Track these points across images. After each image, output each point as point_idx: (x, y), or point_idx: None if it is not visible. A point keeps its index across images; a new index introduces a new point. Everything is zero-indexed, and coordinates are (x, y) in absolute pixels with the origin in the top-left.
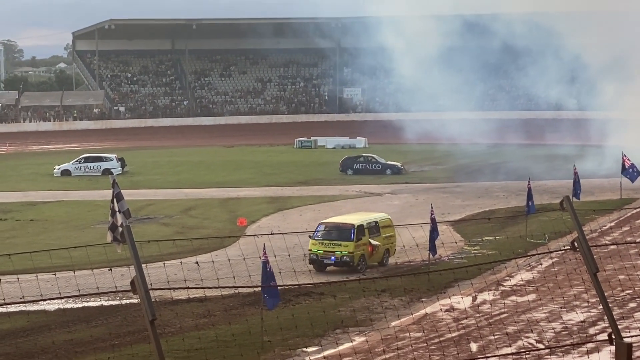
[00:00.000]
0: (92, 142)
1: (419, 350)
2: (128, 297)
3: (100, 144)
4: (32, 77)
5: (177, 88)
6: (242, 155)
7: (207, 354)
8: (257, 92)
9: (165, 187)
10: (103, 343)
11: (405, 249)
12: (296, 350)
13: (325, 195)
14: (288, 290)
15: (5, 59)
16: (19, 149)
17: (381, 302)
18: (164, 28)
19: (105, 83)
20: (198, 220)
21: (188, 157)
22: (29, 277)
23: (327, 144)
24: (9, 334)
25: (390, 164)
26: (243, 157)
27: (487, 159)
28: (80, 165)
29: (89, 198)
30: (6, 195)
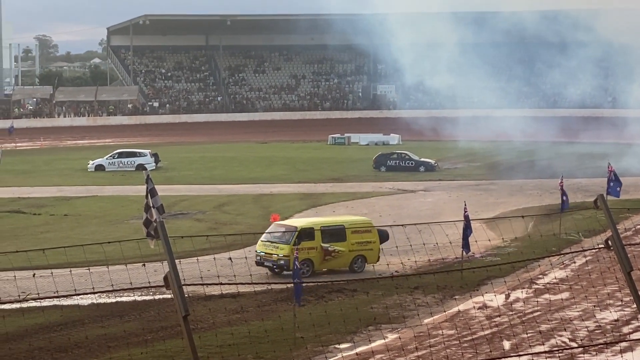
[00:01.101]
0: (126, 137)
1: (452, 348)
2: (161, 293)
3: (134, 140)
4: (67, 72)
5: (211, 84)
6: (275, 152)
7: (240, 350)
8: (291, 88)
9: (198, 182)
10: (136, 338)
11: (439, 247)
12: (328, 346)
13: (359, 192)
14: (321, 287)
15: (40, 54)
16: (53, 144)
17: (414, 299)
18: (198, 24)
19: (140, 78)
20: (231, 216)
21: (221, 153)
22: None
23: (360, 141)
24: (43, 328)
25: (424, 161)
26: (276, 153)
27: (521, 157)
28: (114, 161)
29: (122, 193)
30: (40, 190)
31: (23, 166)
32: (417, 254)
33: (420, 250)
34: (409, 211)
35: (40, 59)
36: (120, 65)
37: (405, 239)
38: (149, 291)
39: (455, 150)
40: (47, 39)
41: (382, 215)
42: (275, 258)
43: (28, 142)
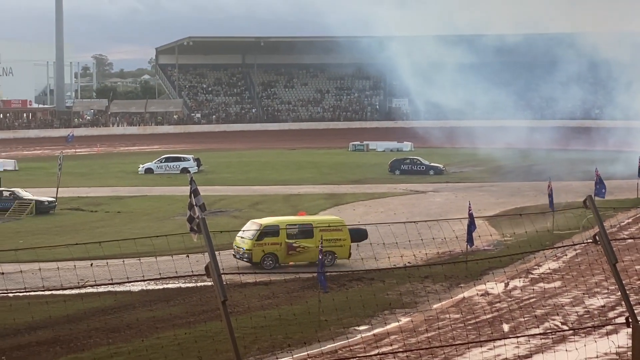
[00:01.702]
0: (172, 144)
1: (457, 330)
2: (202, 280)
3: (179, 146)
4: (120, 87)
5: (247, 97)
6: (303, 157)
7: (271, 331)
8: (316, 101)
9: (235, 184)
10: (180, 320)
11: (446, 241)
12: (349, 328)
13: (376, 193)
14: (342, 276)
15: (97, 71)
16: (108, 150)
17: (424, 287)
18: (235, 44)
19: (184, 93)
20: (264, 214)
21: (255, 158)
22: (117, 262)
23: (377, 148)
24: (99, 311)
25: (433, 166)
26: (304, 158)
27: (519, 162)
28: (161, 165)
29: (168, 193)
30: (97, 190)
31: (82, 169)
32: (427, 247)
33: (430, 244)
34: (420, 209)
35: (97, 75)
36: (167, 81)
37: (417, 233)
38: (191, 279)
39: (461, 156)
40: (103, 57)
41: (397, 213)
42: (242, 251)
43: (86, 148)
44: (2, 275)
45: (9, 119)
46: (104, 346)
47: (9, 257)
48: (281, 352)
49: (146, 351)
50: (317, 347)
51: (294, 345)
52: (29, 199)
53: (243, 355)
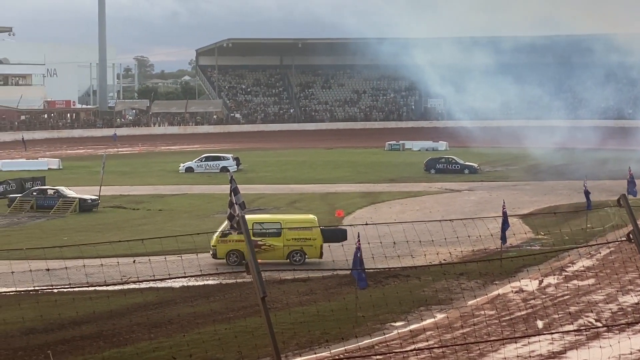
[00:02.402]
0: (212, 143)
1: (492, 326)
2: (242, 277)
3: (219, 146)
4: (161, 88)
5: (285, 98)
6: (339, 156)
7: (309, 327)
8: (353, 101)
9: (273, 182)
10: (220, 316)
11: (481, 238)
12: (385, 324)
13: (411, 191)
14: (379, 273)
15: (138, 73)
16: (149, 149)
17: (459, 284)
18: (274, 46)
19: (223, 93)
20: (302, 212)
21: (293, 158)
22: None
23: (413, 147)
24: (141, 307)
25: (468, 165)
26: (340, 157)
27: (553, 161)
28: (201, 164)
29: (208, 192)
30: (139, 188)
31: (124, 168)
32: (463, 245)
33: (465, 242)
34: (455, 207)
35: (139, 76)
36: (207, 82)
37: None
38: (231, 275)
39: (495, 155)
40: (144, 59)
41: (432, 211)
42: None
43: (128, 147)
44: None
45: (53, 119)
46: (145, 341)
47: (54, 254)
48: (319, 347)
49: (187, 346)
50: (355, 342)
51: (332, 341)
52: (73, 197)
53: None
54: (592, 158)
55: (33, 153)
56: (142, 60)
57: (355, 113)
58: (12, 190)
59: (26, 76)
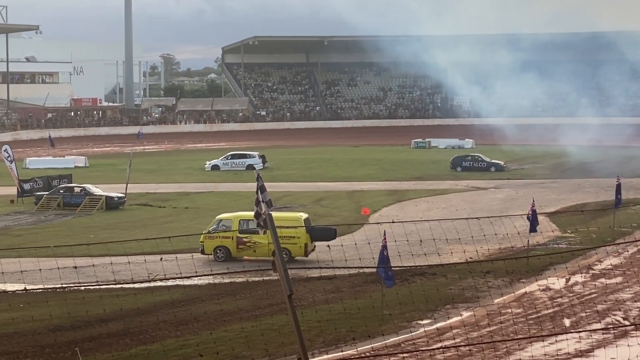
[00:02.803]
0: (238, 141)
1: (519, 324)
2: (268, 275)
3: (245, 143)
4: (187, 86)
5: (311, 95)
6: (365, 154)
7: (336, 324)
8: (379, 99)
9: (299, 180)
10: (247, 313)
11: (508, 236)
12: (412, 322)
13: (438, 189)
14: (405, 271)
15: (164, 70)
16: (176, 147)
17: (486, 282)
18: (300, 44)
19: (249, 91)
20: (328, 210)
21: (319, 155)
22: (185, 256)
23: (439, 145)
24: (168, 304)
25: (495, 162)
26: (367, 155)
27: (580, 159)
28: (227, 162)
29: (234, 190)
30: (165, 186)
31: (150, 166)
32: (489, 243)
33: (491, 240)
34: (482, 205)
35: (165, 74)
36: (233, 80)
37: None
38: (257, 273)
39: (522, 153)
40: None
41: (458, 209)
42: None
43: (154, 145)
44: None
45: (80, 116)
46: (172, 338)
47: (82, 251)
48: (345, 345)
49: (214, 343)
50: (381, 340)
51: (358, 339)
52: (100, 195)
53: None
54: (619, 156)
55: (60, 151)
56: (168, 58)
57: (381, 111)
58: (39, 188)
59: (53, 74)
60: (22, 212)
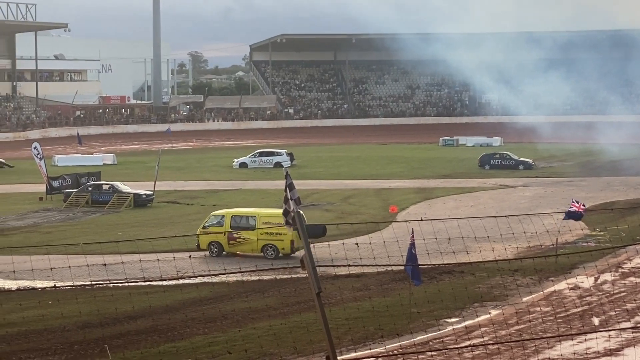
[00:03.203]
0: (265, 139)
1: (548, 323)
2: (296, 272)
3: (272, 141)
4: (215, 84)
5: (339, 93)
6: (393, 152)
7: (364, 322)
8: (407, 97)
9: (327, 178)
10: (275, 311)
11: (537, 235)
12: (440, 320)
13: (466, 187)
14: (433, 269)
15: (192, 68)
16: (203, 145)
17: (514, 280)
18: (327, 42)
19: (277, 89)
20: (355, 207)
21: (347, 153)
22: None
23: (467, 143)
24: (196, 301)
25: (523, 160)
26: (394, 153)
27: (609, 157)
28: (255, 159)
29: (262, 187)
30: (193, 183)
31: (178, 163)
32: (518, 241)
33: (520, 238)
34: (510, 203)
35: (193, 72)
36: (261, 78)
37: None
38: (285, 271)
39: (550, 151)
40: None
41: (486, 207)
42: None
43: (182, 142)
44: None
45: (108, 114)
46: (200, 335)
47: (110, 249)
48: (373, 342)
49: (242, 341)
50: (409, 338)
51: (386, 337)
52: (128, 193)
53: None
54: None
55: (88, 148)
56: (196, 56)
57: (409, 108)
58: (67, 186)
59: (81, 72)
60: (51, 209)
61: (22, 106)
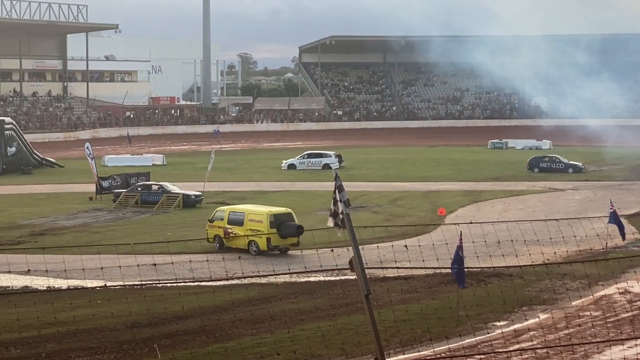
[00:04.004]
0: (314, 140)
1: (597, 327)
2: (344, 274)
3: (321, 143)
4: (265, 85)
5: (387, 95)
6: (442, 154)
7: (412, 325)
8: (456, 99)
9: (375, 180)
10: (323, 313)
11: (587, 238)
12: (488, 323)
13: (515, 190)
14: (482, 272)
15: (242, 70)
16: (252, 146)
17: (564, 284)
18: (377, 43)
19: (326, 90)
20: (404, 210)
21: (395, 155)
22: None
23: (516, 146)
24: (244, 302)
25: (572, 164)
26: (443, 155)
27: None
28: (303, 161)
29: (310, 189)
30: (241, 184)
31: (227, 164)
32: (567, 245)
33: (570, 241)
34: (559, 207)
35: (242, 73)
36: (310, 79)
37: (556, 231)
38: (333, 272)
39: (600, 155)
40: (248, 56)
41: (535, 210)
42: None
43: (231, 144)
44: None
45: (158, 115)
46: (249, 336)
47: (160, 249)
48: (421, 345)
49: (290, 342)
50: (458, 341)
51: (435, 339)
52: (177, 193)
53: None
54: None
55: (137, 149)
56: (245, 57)
57: (458, 111)
58: (117, 186)
59: (132, 72)
60: (101, 209)
61: (73, 106)
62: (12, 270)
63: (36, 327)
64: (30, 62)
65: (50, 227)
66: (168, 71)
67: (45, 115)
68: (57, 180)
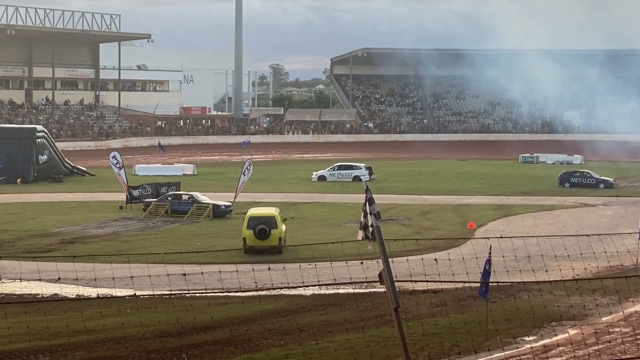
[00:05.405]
0: (344, 152)
1: (627, 344)
2: (373, 287)
3: (351, 155)
4: (296, 96)
5: (418, 108)
6: (472, 168)
7: (441, 338)
8: (487, 113)
9: (405, 193)
10: (351, 325)
11: (618, 254)
12: (517, 338)
13: (545, 205)
14: (512, 286)
15: (273, 80)
16: (283, 157)
17: (594, 300)
18: (408, 56)
19: (357, 102)
20: (433, 223)
21: (426, 168)
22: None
23: (547, 160)
24: (273, 313)
25: (604, 179)
26: (473, 169)
27: None
28: (334, 172)
29: (340, 201)
30: (271, 195)
31: (257, 175)
32: (598, 260)
33: (600, 257)
34: (590, 222)
35: (273, 84)
36: (341, 91)
37: (587, 246)
38: (362, 285)
39: (632, 170)
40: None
41: (566, 225)
42: None
43: (262, 155)
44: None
45: (189, 125)
46: (276, 347)
47: (190, 258)
48: (450, 359)
49: (318, 354)
50: (487, 355)
51: (463, 353)
52: (207, 203)
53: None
54: None
55: (168, 158)
56: (277, 69)
57: (489, 124)
58: (147, 195)
59: (164, 82)
60: (131, 218)
61: (105, 115)
62: (42, 278)
63: (65, 335)
64: (62, 71)
65: (80, 235)
66: (200, 81)
67: (77, 124)
68: (88, 189)
